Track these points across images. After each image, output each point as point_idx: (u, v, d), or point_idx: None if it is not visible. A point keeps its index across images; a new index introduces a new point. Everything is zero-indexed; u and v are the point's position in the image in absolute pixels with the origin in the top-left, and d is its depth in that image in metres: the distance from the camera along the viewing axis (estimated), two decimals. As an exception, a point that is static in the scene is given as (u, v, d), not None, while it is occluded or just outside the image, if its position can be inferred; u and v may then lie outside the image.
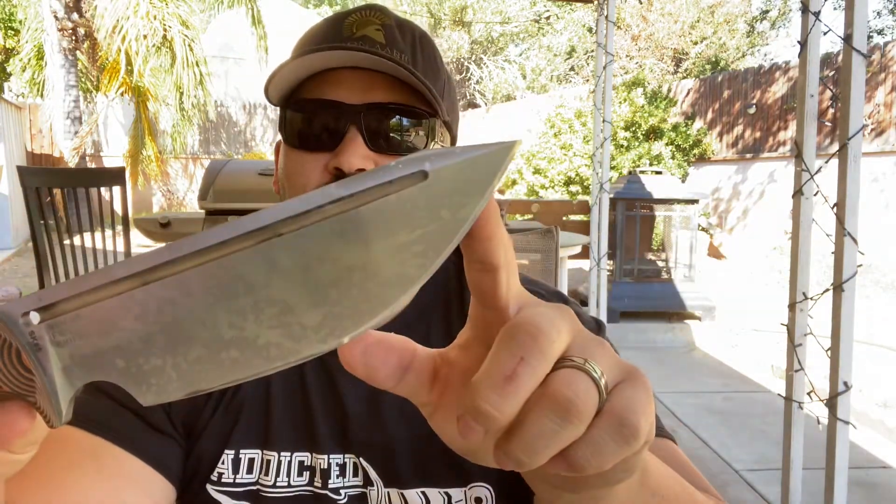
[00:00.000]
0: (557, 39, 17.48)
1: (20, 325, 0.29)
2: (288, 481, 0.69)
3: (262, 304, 0.31)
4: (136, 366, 0.31)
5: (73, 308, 0.30)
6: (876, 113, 7.49)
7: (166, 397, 0.31)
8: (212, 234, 0.31)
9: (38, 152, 11.72)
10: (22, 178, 2.91)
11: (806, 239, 1.99)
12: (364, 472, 0.69)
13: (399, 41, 0.69)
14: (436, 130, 0.71)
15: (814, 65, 1.93)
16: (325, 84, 0.69)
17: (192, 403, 0.70)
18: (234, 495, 0.69)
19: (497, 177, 0.31)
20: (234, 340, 0.31)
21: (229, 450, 0.70)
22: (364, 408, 0.70)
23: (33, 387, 0.30)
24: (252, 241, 0.31)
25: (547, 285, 0.79)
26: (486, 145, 0.32)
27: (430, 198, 0.31)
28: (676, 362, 4.64)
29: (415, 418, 0.69)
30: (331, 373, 0.71)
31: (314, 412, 0.70)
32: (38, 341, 0.30)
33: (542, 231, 1.77)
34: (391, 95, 0.68)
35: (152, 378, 0.31)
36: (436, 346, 0.72)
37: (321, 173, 0.68)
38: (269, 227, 0.31)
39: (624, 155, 9.17)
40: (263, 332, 0.31)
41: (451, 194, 0.31)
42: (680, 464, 0.66)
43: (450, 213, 0.31)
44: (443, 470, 0.68)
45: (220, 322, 0.31)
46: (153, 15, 9.32)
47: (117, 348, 0.31)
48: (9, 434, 0.30)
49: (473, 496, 0.68)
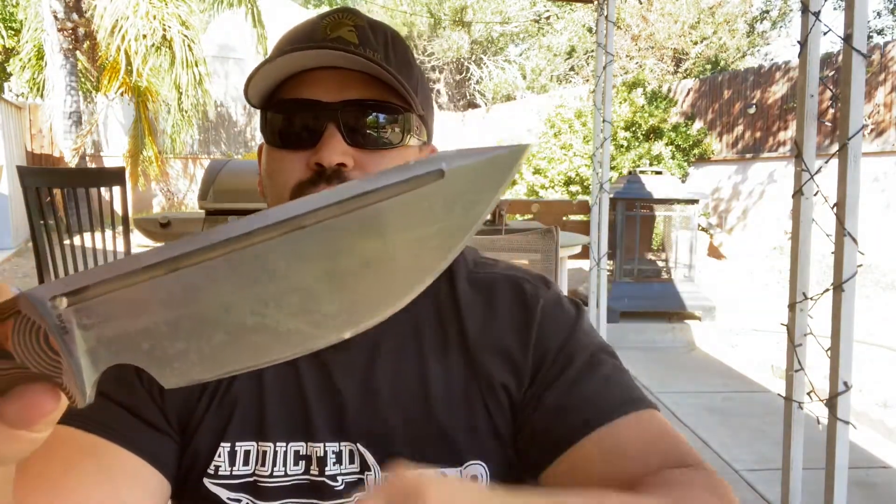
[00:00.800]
0: (557, 39, 17.47)
1: (48, 309, 0.30)
2: (284, 471, 0.71)
3: (285, 292, 0.32)
4: (161, 349, 0.32)
5: (100, 293, 0.31)
6: (876, 113, 7.49)
7: (188, 380, 0.32)
8: (238, 224, 0.32)
9: (38, 152, 11.71)
10: (22, 178, 2.91)
11: (806, 239, 1.99)
12: (362, 458, 0.71)
13: (372, 40, 0.72)
14: (411, 124, 0.73)
15: (814, 65, 1.93)
16: (302, 84, 0.71)
17: (185, 399, 0.71)
18: (231, 487, 0.70)
19: (509, 177, 0.33)
20: (257, 326, 0.32)
21: (225, 443, 0.71)
22: (359, 396, 0.72)
23: (60, 368, 0.30)
24: (277, 231, 0.32)
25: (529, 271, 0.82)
26: (499, 147, 0.34)
27: (445, 195, 0.33)
28: (676, 362, 4.64)
29: (410, 403, 0.72)
30: (324, 364, 0.73)
31: (309, 402, 0.72)
32: (65, 324, 0.31)
33: (542, 231, 1.77)
34: (367, 92, 0.70)
35: (176, 362, 0.32)
36: (431, 358, 0.74)
37: (303, 169, 0.70)
38: (294, 219, 0.32)
39: (624, 155, 9.17)
40: (285, 318, 0.32)
41: (465, 192, 0.33)
42: (655, 435, 0.69)
43: (464, 209, 0.33)
44: (438, 451, 0.70)
45: (244, 308, 0.32)
46: (152, 15, 9.31)
47: (143, 332, 0.32)
48: (35, 415, 0.31)
49: (469, 474, 0.71)
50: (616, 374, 0.73)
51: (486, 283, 0.77)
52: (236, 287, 0.32)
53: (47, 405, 0.31)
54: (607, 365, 0.73)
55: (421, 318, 0.75)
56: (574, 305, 0.79)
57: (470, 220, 0.33)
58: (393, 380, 0.72)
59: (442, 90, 19.12)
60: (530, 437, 0.71)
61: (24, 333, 0.30)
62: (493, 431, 0.72)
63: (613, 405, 0.69)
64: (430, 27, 18.68)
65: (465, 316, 0.75)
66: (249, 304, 0.32)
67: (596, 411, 0.68)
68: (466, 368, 0.73)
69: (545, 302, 0.76)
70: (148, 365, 0.32)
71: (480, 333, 0.74)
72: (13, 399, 0.31)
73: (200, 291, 0.32)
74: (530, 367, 0.73)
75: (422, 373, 0.72)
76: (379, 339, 0.73)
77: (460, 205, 0.33)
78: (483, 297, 0.76)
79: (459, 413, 0.72)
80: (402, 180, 0.32)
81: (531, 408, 0.71)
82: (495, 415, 0.72)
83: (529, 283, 0.78)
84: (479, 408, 0.72)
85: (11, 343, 0.30)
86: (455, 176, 0.33)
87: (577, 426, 0.68)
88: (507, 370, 0.73)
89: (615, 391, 0.71)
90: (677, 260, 5.68)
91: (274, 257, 0.32)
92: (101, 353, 0.31)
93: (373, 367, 0.72)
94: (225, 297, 0.32)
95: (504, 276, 0.79)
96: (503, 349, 0.73)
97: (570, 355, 0.73)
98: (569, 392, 0.70)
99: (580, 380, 0.71)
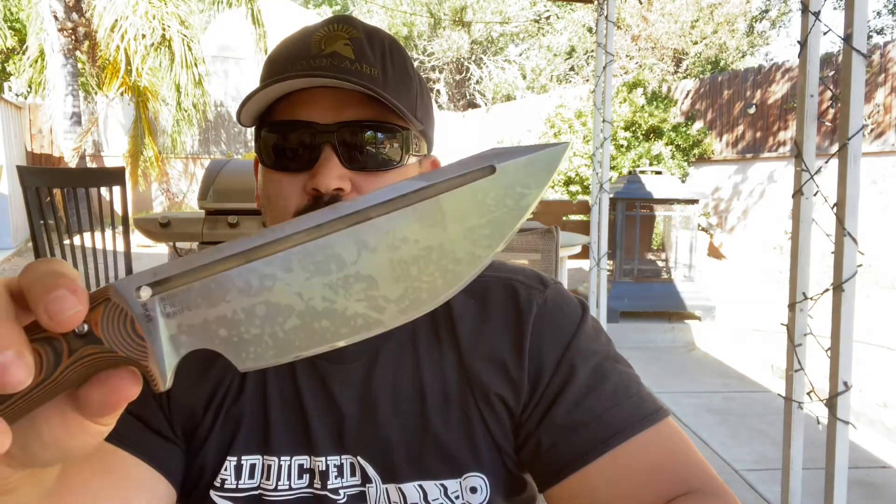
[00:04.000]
0: (557, 39, 17.47)
1: (134, 298, 0.33)
2: (289, 484, 0.70)
3: (352, 279, 0.35)
4: (238, 335, 0.34)
5: (182, 283, 0.34)
6: (876, 113, 7.49)
7: (263, 363, 0.35)
8: (310, 217, 0.35)
9: (38, 152, 11.71)
10: (22, 178, 2.91)
11: (806, 239, 1.99)
12: (362, 470, 0.70)
13: (368, 54, 0.69)
14: (409, 141, 0.71)
15: (814, 65, 1.93)
16: (297, 105, 0.69)
17: (192, 411, 0.71)
18: (236, 500, 0.70)
19: (552, 172, 0.37)
20: (326, 311, 0.35)
21: (231, 457, 0.71)
22: (358, 409, 0.71)
23: (146, 352, 0.33)
24: (345, 223, 0.35)
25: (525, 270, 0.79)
26: (544, 145, 0.38)
27: (497, 189, 0.36)
28: (676, 362, 4.64)
29: (408, 415, 0.71)
30: (323, 378, 0.72)
31: (309, 416, 0.71)
32: (150, 312, 0.33)
33: (542, 231, 1.77)
34: (363, 112, 0.68)
35: (251, 346, 0.35)
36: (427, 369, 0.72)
37: (300, 195, 0.68)
38: (361, 212, 0.35)
39: (624, 155, 9.16)
40: (352, 304, 0.35)
41: (514, 185, 0.36)
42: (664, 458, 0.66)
43: (513, 201, 0.36)
44: (437, 463, 0.70)
45: (315, 295, 0.35)
46: (152, 14, 9.31)
47: (221, 319, 0.34)
48: (118, 399, 0.33)
49: (468, 486, 0.70)
50: (623, 386, 0.69)
51: (480, 289, 0.74)
52: (308, 275, 0.35)
53: (130, 389, 0.33)
54: (613, 376, 0.69)
55: (417, 329, 0.73)
56: (578, 306, 0.75)
57: (518, 211, 0.36)
58: (390, 392, 0.71)
59: (442, 90, 19.11)
60: (534, 455, 0.69)
61: (112, 320, 0.32)
62: (491, 443, 0.71)
63: (620, 427, 0.66)
64: (430, 27, 18.67)
65: (458, 324, 0.72)
66: (320, 290, 0.35)
67: (602, 434, 0.65)
68: (461, 379, 0.71)
69: (540, 307, 0.73)
70: (225, 350, 0.34)
71: (474, 342, 0.72)
72: (97, 384, 0.33)
73: (275, 280, 0.34)
74: (527, 378, 0.70)
75: (418, 384, 0.71)
76: (376, 351, 0.72)
77: (510, 198, 0.36)
78: (476, 303, 0.74)
79: (456, 425, 0.70)
80: (457, 175, 0.36)
81: (534, 424, 0.69)
82: (492, 426, 0.70)
83: (524, 287, 0.74)
84: (475, 419, 0.70)
85: (101, 329, 0.32)
86: (505, 172, 0.36)
87: (584, 451, 0.65)
88: (503, 381, 0.70)
89: (623, 406, 0.67)
90: (677, 260, 5.68)
91: (343, 247, 0.35)
92: (182, 339, 0.34)
93: (370, 379, 0.72)
94: (298, 285, 0.34)
95: (497, 279, 0.75)
96: (497, 359, 0.71)
97: (572, 367, 0.69)
98: (574, 411, 0.67)
99: (585, 396, 0.68)
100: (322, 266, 0.35)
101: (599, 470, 0.65)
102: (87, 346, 0.32)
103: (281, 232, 0.35)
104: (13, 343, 0.30)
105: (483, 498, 0.70)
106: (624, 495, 0.63)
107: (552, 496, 0.68)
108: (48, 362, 0.32)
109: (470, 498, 0.70)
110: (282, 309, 0.34)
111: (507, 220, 0.36)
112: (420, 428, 0.70)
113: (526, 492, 0.75)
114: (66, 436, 0.35)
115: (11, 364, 0.29)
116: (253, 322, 0.34)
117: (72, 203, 3.09)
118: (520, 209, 0.36)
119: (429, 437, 0.70)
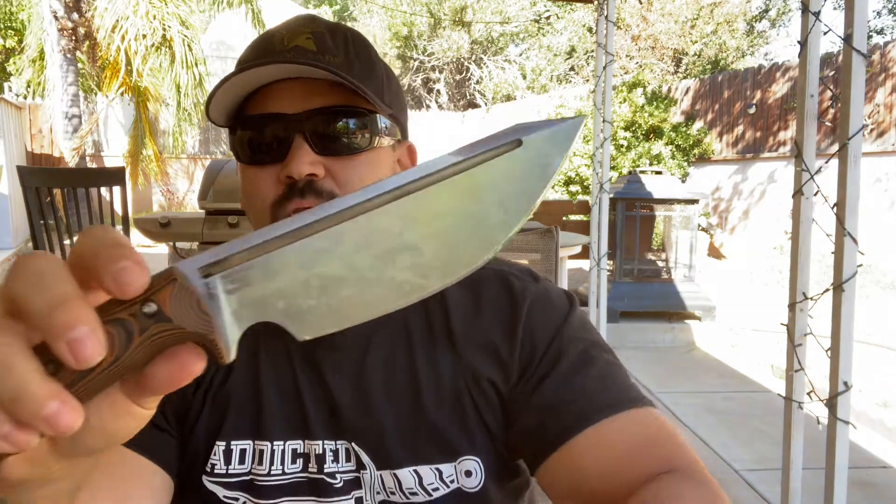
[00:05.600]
0: (557, 39, 17.46)
1: (198, 277, 0.35)
2: (282, 469, 0.71)
3: (398, 248, 0.38)
4: (295, 306, 0.37)
5: (240, 261, 0.36)
6: (876, 113, 7.49)
7: (321, 331, 0.37)
8: (357, 194, 0.38)
9: (38, 152, 11.71)
10: (22, 178, 2.91)
11: (806, 239, 1.99)
12: (357, 456, 0.71)
13: (330, 46, 0.71)
14: (378, 125, 0.73)
15: (814, 65, 1.93)
16: (266, 98, 0.70)
17: (181, 393, 0.71)
18: (227, 486, 0.71)
19: (571, 143, 0.41)
20: (376, 280, 0.38)
21: (220, 441, 0.71)
22: (352, 395, 0.72)
23: (212, 327, 0.35)
24: (389, 198, 0.38)
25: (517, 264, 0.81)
26: (564, 119, 0.42)
27: (525, 159, 0.40)
28: (676, 362, 4.64)
29: (401, 401, 0.72)
30: (317, 363, 0.73)
31: (305, 401, 0.72)
32: (212, 291, 0.35)
33: (542, 231, 1.76)
34: (331, 99, 0.70)
35: (308, 315, 0.37)
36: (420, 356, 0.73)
37: (274, 185, 0.70)
38: (402, 187, 0.38)
39: (624, 155, 9.16)
40: (399, 272, 0.38)
41: (539, 156, 0.40)
42: (649, 436, 0.67)
43: (540, 170, 0.40)
44: (431, 447, 0.71)
45: (365, 265, 0.37)
46: (152, 15, 9.30)
47: (278, 292, 0.36)
48: (185, 374, 0.35)
49: (463, 469, 0.71)
50: (610, 371, 0.71)
51: (474, 280, 0.76)
52: (357, 247, 0.37)
53: (196, 364, 0.35)
54: (600, 361, 0.72)
55: (410, 317, 0.75)
56: (566, 299, 0.78)
57: (544, 179, 0.40)
58: (383, 378, 0.73)
59: (442, 90, 19.11)
60: (523, 433, 0.70)
61: (179, 299, 0.34)
62: (483, 427, 0.72)
63: (606, 404, 0.67)
64: (430, 27, 18.67)
65: (452, 314, 0.75)
66: (369, 261, 0.37)
67: (588, 409, 0.67)
68: (454, 365, 0.73)
69: (533, 297, 0.75)
70: (283, 321, 0.37)
71: (467, 330, 0.74)
72: (164, 360, 0.34)
73: (327, 253, 0.37)
74: (517, 362, 0.72)
75: (411, 370, 0.73)
76: (369, 338, 0.74)
77: (537, 167, 0.40)
78: (470, 294, 0.76)
79: (449, 409, 0.72)
80: (488, 150, 0.39)
81: (521, 404, 0.71)
82: (484, 410, 0.72)
83: (517, 278, 0.77)
84: (468, 403, 0.72)
85: (169, 307, 0.34)
86: (531, 144, 0.40)
87: (569, 424, 0.67)
88: (494, 365, 0.72)
89: (609, 389, 0.69)
90: (677, 260, 5.68)
91: (388, 220, 0.38)
92: (244, 313, 0.36)
93: (363, 365, 0.73)
94: (348, 257, 0.37)
95: (492, 271, 0.78)
96: (489, 345, 0.73)
97: (560, 350, 0.72)
98: (560, 389, 0.69)
99: (572, 376, 0.70)
100: (370, 238, 0.37)
101: (585, 444, 0.65)
102: (157, 324, 0.34)
103: (330, 208, 0.37)
104: (88, 320, 0.30)
105: (478, 482, 0.71)
106: (609, 472, 0.64)
107: (542, 476, 0.69)
108: (120, 341, 0.33)
109: (465, 481, 0.71)
110: (334, 280, 0.37)
111: (536, 188, 0.40)
112: (414, 414, 0.72)
113: (519, 477, 0.77)
114: (113, 419, 0.36)
115: (87, 338, 0.30)
116: (309, 294, 0.37)
117: (72, 203, 3.09)
118: (546, 177, 0.40)
119: (423, 422, 0.71)
